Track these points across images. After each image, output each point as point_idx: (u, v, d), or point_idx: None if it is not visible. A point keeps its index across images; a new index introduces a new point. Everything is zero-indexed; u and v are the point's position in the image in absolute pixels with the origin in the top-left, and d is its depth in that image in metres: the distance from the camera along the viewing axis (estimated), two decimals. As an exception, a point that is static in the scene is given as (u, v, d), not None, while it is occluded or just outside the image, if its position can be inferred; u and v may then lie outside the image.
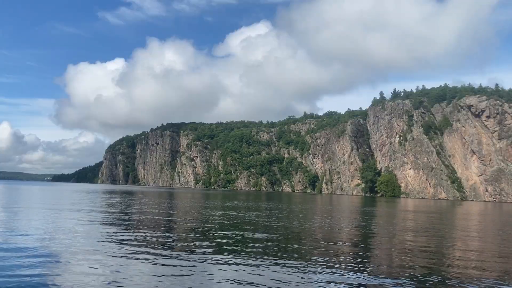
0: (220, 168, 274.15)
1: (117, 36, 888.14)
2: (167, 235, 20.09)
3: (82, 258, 13.31)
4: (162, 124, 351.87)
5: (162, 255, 14.25)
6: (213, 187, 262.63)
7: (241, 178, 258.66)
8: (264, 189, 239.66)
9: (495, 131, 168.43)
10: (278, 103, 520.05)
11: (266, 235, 21.08)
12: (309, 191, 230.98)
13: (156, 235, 19.61)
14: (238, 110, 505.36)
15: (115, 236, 18.54)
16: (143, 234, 19.72)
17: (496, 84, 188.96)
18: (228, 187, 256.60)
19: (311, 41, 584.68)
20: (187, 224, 25.90)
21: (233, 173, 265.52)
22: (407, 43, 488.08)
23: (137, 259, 13.48)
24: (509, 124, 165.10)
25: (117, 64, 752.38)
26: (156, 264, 12.87)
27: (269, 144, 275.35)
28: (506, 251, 18.97)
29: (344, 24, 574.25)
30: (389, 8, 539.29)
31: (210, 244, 17.22)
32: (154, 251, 15.00)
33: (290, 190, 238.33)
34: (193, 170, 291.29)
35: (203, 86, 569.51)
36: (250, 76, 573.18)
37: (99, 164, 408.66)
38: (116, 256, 13.74)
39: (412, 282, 11.73)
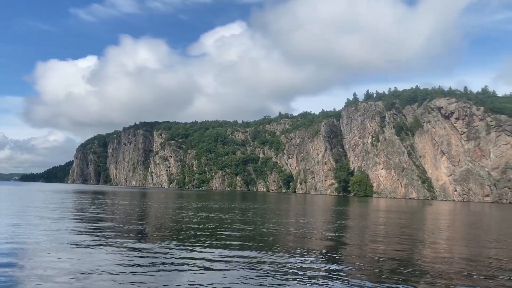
0: (194, 168, 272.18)
1: (89, 33, 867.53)
2: (137, 235, 19.46)
3: (48, 257, 12.62)
4: (135, 123, 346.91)
5: (132, 255, 13.69)
6: (187, 187, 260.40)
7: (215, 178, 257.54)
8: (239, 189, 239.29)
9: (464, 133, 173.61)
10: (253, 103, 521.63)
11: (239, 236, 20.72)
12: (283, 190, 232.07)
13: (127, 235, 18.96)
14: (213, 109, 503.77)
15: (84, 237, 17.80)
16: (113, 235, 19.01)
17: (465, 87, 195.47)
18: (203, 187, 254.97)
19: (286, 42, 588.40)
20: (159, 224, 25.27)
21: (207, 173, 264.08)
22: (379, 46, 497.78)
23: (106, 259, 12.88)
24: (477, 126, 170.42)
25: (89, 62, 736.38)
26: (125, 264, 12.32)
27: (244, 144, 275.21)
28: (474, 250, 19.28)
29: (317, 25, 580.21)
30: (361, 11, 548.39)
31: (181, 244, 16.73)
32: (124, 250, 14.41)
33: (264, 190, 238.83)
34: (166, 170, 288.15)
35: (177, 85, 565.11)
36: (225, 76, 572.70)
37: (70, 164, 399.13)
38: (83, 257, 13.11)
39: (384, 283, 11.61)
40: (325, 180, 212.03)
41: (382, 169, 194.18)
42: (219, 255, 14.73)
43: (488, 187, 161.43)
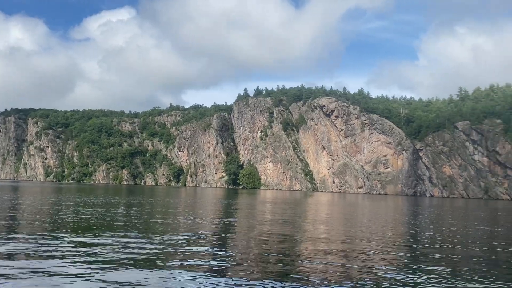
0: (75, 160, 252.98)
1: None
2: (5, 235, 17.14)
3: None
4: (6, 109, 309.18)
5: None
6: (66, 181, 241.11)
7: (99, 171, 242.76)
8: (125, 183, 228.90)
9: (342, 130, 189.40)
10: (141, 93, 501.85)
11: (122, 234, 19.54)
12: (173, 184, 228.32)
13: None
14: (97, 97, 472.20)
15: None
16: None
17: (344, 88, 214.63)
18: (84, 181, 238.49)
19: (176, 33, 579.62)
20: (32, 222, 22.69)
21: (90, 166, 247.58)
22: (268, 44, 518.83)
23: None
24: (353, 124, 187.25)
25: None
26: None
27: (131, 135, 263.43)
28: (348, 234, 20.91)
29: (208, 19, 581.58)
30: (251, 9, 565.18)
31: (56, 248, 15.12)
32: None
33: (153, 183, 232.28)
34: (43, 162, 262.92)
35: (57, 69, 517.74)
36: (111, 62, 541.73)
37: None
38: None
39: (270, 274, 11.81)
40: (216, 173, 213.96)
41: (269, 163, 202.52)
42: (99, 253, 13.62)
43: (361, 179, 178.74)
